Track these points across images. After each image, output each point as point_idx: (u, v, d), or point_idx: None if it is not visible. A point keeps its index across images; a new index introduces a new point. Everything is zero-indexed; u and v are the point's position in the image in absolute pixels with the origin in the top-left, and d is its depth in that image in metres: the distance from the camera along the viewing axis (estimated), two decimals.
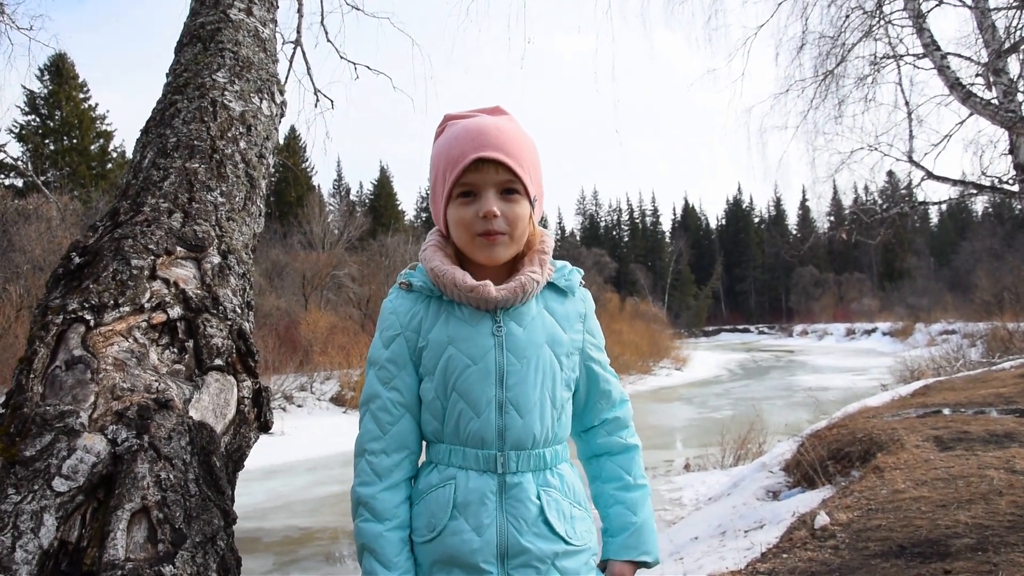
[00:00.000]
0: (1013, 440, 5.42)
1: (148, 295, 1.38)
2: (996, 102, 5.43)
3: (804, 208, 72.74)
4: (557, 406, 1.26)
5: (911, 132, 6.78)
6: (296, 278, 24.71)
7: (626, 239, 78.61)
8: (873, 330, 43.67)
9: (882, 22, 6.73)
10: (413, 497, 1.24)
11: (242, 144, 1.86)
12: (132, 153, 1.82)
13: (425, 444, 1.29)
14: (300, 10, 4.45)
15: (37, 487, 1.07)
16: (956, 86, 5.60)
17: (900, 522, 3.84)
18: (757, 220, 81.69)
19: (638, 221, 79.50)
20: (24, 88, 24.31)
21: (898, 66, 6.89)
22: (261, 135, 1.97)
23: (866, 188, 8.87)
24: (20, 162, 18.47)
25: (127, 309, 1.33)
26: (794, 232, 74.72)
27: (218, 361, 1.43)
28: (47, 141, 26.69)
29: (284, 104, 2.20)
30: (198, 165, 1.71)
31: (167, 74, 2.02)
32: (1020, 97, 5.51)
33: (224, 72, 1.97)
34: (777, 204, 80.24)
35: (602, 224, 79.86)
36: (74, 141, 27.19)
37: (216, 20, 2.13)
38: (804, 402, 14.32)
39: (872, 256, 66.05)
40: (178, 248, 1.50)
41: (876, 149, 7.17)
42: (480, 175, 1.23)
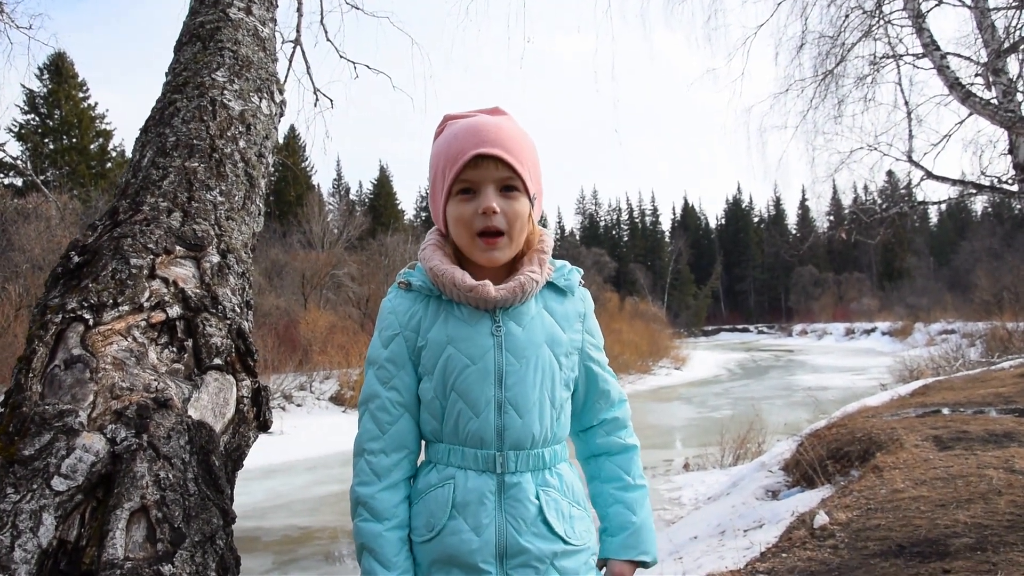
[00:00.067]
0: (1012, 440, 5.42)
1: (147, 294, 1.37)
2: (995, 102, 5.43)
3: (804, 208, 72.82)
4: (556, 406, 1.26)
5: (911, 132, 6.78)
6: (295, 277, 24.68)
7: (626, 239, 78.56)
8: (872, 330, 43.68)
9: (882, 22, 6.73)
10: (412, 497, 1.24)
11: (241, 143, 1.86)
12: (131, 152, 1.82)
13: (424, 444, 1.28)
14: (299, 9, 4.45)
15: (36, 486, 1.07)
16: (955, 86, 5.60)
17: (899, 521, 3.85)
18: (757, 220, 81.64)
19: (638, 221, 79.46)
20: (23, 87, 24.30)
21: (898, 66, 6.89)
22: (260, 134, 1.96)
23: (866, 188, 8.87)
24: (19, 161, 18.49)
25: (126, 308, 1.33)
26: (794, 232, 74.69)
27: (217, 360, 1.43)
28: (46, 140, 26.64)
29: (283, 103, 2.20)
30: (197, 164, 1.71)
31: (166, 73, 2.02)
32: (1019, 97, 5.51)
33: (223, 71, 1.97)
34: (777, 204, 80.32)
35: (602, 224, 79.81)
36: (73, 140, 27.14)
37: (215, 19, 2.12)
38: (803, 402, 14.31)
39: (871, 256, 66.03)
40: (177, 247, 1.50)
41: (876, 149, 7.17)
42: (480, 171, 1.23)
